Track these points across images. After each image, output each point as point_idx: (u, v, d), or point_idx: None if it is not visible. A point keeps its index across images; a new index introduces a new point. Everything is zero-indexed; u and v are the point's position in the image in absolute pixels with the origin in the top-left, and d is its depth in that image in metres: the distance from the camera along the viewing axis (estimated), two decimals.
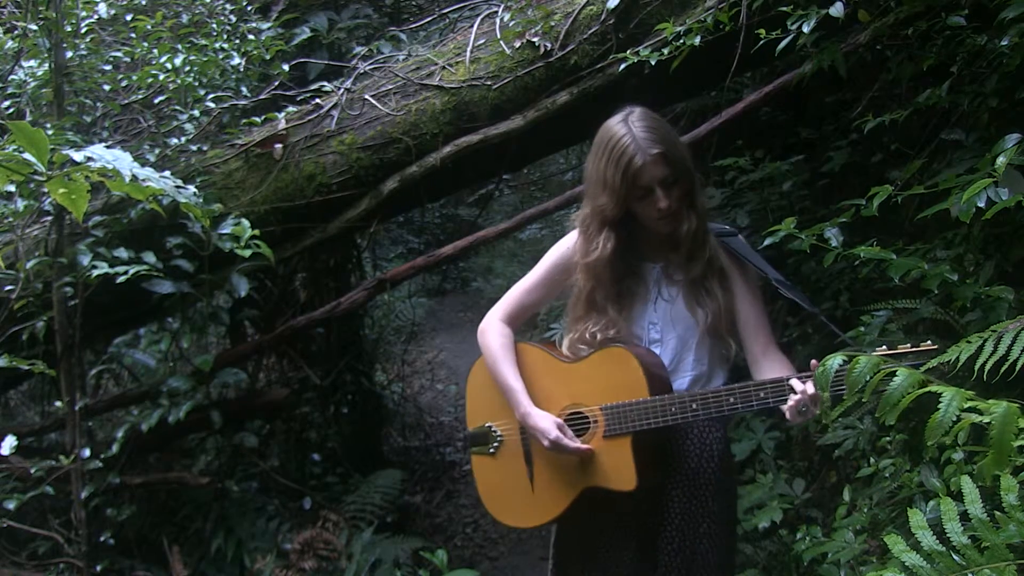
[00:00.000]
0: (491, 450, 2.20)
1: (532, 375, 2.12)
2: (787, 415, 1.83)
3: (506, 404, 2.14)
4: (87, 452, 3.29)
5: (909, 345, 1.74)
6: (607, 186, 1.96)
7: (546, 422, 2.02)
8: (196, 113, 3.63)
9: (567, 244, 2.17)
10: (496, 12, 3.65)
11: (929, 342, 1.74)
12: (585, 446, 2.00)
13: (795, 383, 1.81)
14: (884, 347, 1.78)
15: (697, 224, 2.02)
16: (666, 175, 1.94)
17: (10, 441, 3.19)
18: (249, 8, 4.10)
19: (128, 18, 3.67)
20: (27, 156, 1.36)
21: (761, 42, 2.61)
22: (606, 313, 2.06)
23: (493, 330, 2.19)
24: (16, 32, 3.59)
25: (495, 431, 2.19)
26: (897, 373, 1.19)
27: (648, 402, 1.95)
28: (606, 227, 2.02)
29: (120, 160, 1.55)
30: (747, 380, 2.03)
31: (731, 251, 2.10)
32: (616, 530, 2.10)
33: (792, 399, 1.80)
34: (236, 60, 3.71)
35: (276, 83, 4.02)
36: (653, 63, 2.96)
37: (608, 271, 2.04)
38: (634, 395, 1.97)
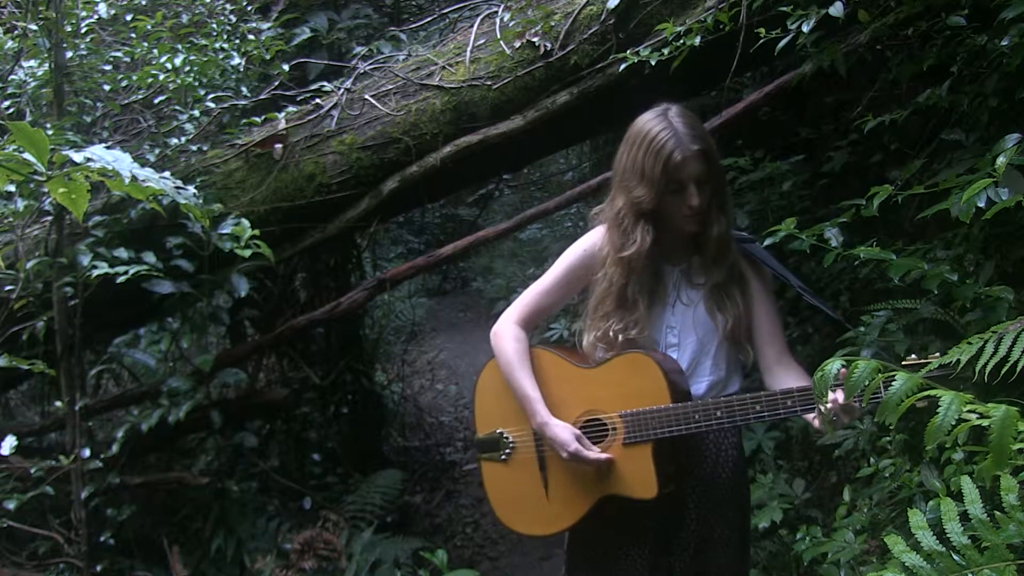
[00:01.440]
0: (502, 457, 2.16)
1: (547, 381, 2.08)
2: (816, 424, 1.81)
3: (518, 410, 2.10)
4: (87, 452, 3.29)
5: (937, 354, 1.71)
6: (645, 177, 1.94)
7: (565, 434, 1.98)
8: (196, 113, 3.63)
9: (589, 242, 2.13)
10: (496, 12, 3.65)
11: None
12: (604, 456, 1.97)
13: None
14: (913, 356, 1.76)
15: (725, 227, 2.01)
16: (702, 173, 1.93)
17: (10, 441, 3.19)
18: (249, 8, 4.10)
19: (128, 18, 3.67)
20: (27, 156, 1.36)
21: (760, 41, 2.61)
22: (635, 309, 2.02)
23: (508, 334, 2.13)
24: (16, 32, 3.59)
25: (507, 437, 2.15)
26: (896, 377, 1.19)
27: (671, 409, 1.92)
28: (642, 219, 1.98)
29: (120, 160, 1.55)
30: (758, 386, 2.01)
31: (750, 257, 2.09)
32: (631, 536, 2.08)
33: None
34: (236, 60, 3.70)
35: (276, 83, 4.02)
36: (653, 63, 2.96)
37: (644, 264, 2.01)
38: (655, 402, 1.94)
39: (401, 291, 7.29)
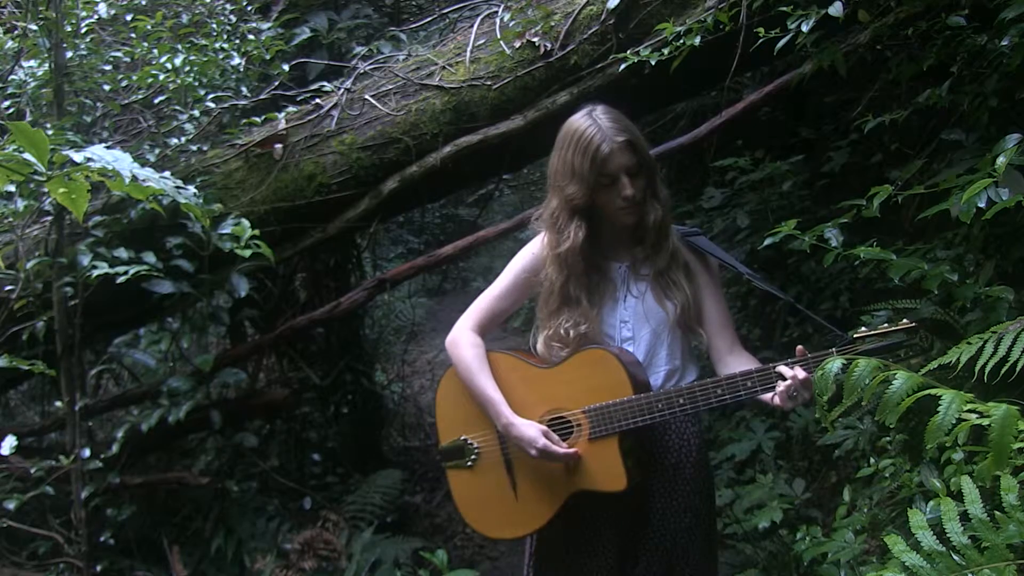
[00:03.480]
0: (468, 463, 2.17)
1: (507, 384, 2.10)
2: (777, 401, 1.85)
3: (480, 415, 2.12)
4: (87, 452, 3.29)
5: (886, 325, 1.76)
6: (575, 175, 1.98)
7: (532, 430, 2.01)
8: (196, 113, 3.63)
9: (534, 247, 2.18)
10: (496, 12, 3.65)
11: (905, 321, 1.76)
12: (573, 450, 1.99)
13: (783, 369, 1.83)
14: (863, 328, 1.81)
15: (662, 215, 2.05)
16: (632, 164, 1.97)
17: (10, 441, 3.19)
18: (249, 8, 4.10)
19: (128, 18, 3.67)
20: (27, 156, 1.36)
21: (760, 41, 2.61)
22: (580, 305, 2.06)
23: (464, 341, 2.16)
24: (16, 32, 3.59)
25: (471, 444, 2.17)
26: (897, 376, 1.19)
27: (633, 400, 1.95)
28: (576, 216, 2.03)
29: (120, 160, 1.55)
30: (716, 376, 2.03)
31: (694, 247, 2.13)
32: (597, 529, 2.10)
33: (781, 385, 1.82)
34: (236, 60, 3.71)
35: (276, 83, 4.02)
36: (653, 63, 2.96)
37: (580, 260, 2.05)
38: (617, 395, 1.96)
39: (401, 291, 7.29)
